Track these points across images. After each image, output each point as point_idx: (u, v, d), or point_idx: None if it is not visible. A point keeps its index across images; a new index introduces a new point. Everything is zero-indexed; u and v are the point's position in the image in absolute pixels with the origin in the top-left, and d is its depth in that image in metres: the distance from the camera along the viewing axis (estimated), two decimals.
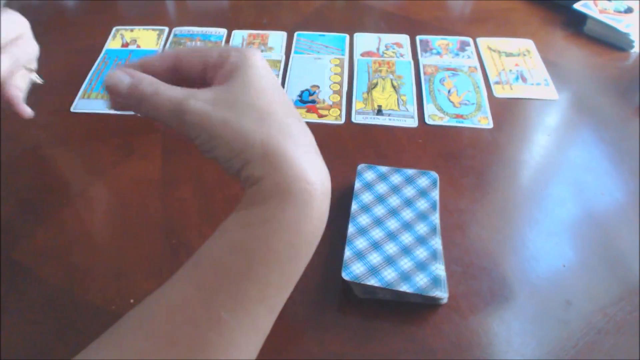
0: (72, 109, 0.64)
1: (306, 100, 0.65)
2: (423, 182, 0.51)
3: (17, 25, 0.46)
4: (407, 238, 0.46)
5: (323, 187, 0.29)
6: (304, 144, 0.29)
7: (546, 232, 0.50)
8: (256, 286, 0.26)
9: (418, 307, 0.44)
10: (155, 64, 0.31)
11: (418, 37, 0.75)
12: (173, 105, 0.28)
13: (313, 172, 0.28)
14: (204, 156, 0.30)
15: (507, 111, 0.64)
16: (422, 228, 0.47)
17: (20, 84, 0.49)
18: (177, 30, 0.77)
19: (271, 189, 0.27)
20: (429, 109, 0.64)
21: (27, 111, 0.50)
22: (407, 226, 0.47)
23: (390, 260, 0.44)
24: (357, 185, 0.51)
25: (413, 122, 0.62)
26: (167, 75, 0.31)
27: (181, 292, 0.27)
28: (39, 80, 0.53)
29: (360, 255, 0.45)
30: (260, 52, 0.31)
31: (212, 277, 0.26)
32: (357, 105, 0.65)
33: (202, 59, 0.31)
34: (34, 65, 0.52)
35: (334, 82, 0.68)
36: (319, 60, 0.72)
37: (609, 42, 0.74)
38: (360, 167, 0.53)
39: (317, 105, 0.64)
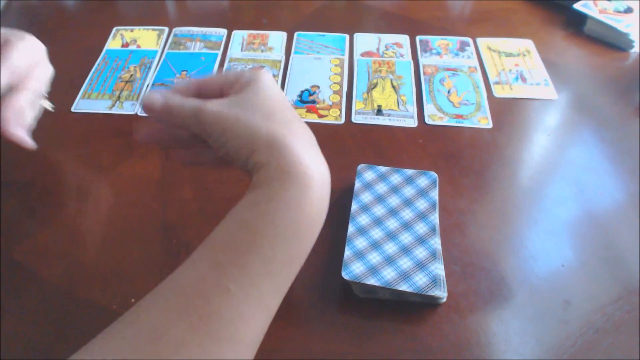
0: (72, 109, 0.65)
1: (306, 100, 0.65)
2: (422, 182, 0.51)
3: (35, 53, 0.46)
4: (406, 238, 0.46)
5: (322, 174, 0.32)
6: (304, 139, 0.33)
7: (545, 232, 0.51)
8: (262, 260, 0.28)
9: (417, 306, 0.44)
10: (183, 89, 0.37)
11: (418, 37, 0.76)
12: (193, 109, 0.34)
13: (312, 160, 0.32)
14: (216, 154, 0.34)
15: (506, 111, 0.64)
16: (421, 228, 0.47)
17: (29, 114, 0.47)
18: (177, 30, 0.77)
19: (274, 171, 0.30)
20: (428, 109, 0.64)
21: (29, 142, 0.46)
22: (406, 226, 0.48)
23: (389, 260, 0.45)
24: (357, 185, 0.51)
25: (413, 122, 0.62)
26: (193, 95, 0.36)
27: (194, 269, 0.29)
28: (49, 108, 0.52)
29: (360, 255, 0.45)
30: (270, 72, 0.36)
31: (221, 253, 0.29)
32: (357, 105, 0.65)
33: (220, 80, 0.36)
34: (46, 89, 0.50)
35: (334, 82, 0.68)
36: (319, 61, 0.72)
37: (609, 42, 0.74)
38: (360, 167, 0.53)
39: (317, 106, 0.65)
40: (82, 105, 0.65)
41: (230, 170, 0.56)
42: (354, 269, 0.44)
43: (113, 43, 0.75)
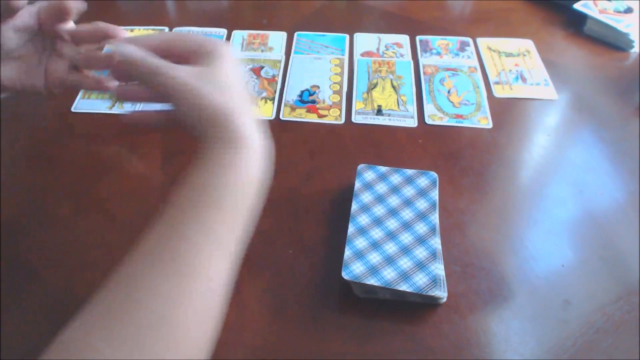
0: (72, 109, 0.65)
1: (306, 100, 0.65)
2: (422, 182, 0.51)
3: None
4: (406, 238, 0.46)
5: (259, 143, 0.37)
6: (248, 116, 0.37)
7: (545, 232, 0.51)
8: (214, 209, 0.33)
9: (417, 306, 0.44)
10: (149, 44, 0.39)
11: (418, 37, 0.76)
12: (153, 68, 0.37)
13: (251, 131, 0.37)
14: (171, 115, 0.38)
15: (506, 111, 0.64)
16: (421, 228, 0.47)
17: None
18: (177, 30, 0.77)
19: (219, 139, 0.35)
20: (428, 109, 0.64)
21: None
22: (406, 226, 0.47)
23: (389, 260, 0.45)
24: (357, 185, 0.51)
25: (413, 122, 0.62)
26: (156, 52, 0.39)
27: (155, 231, 0.33)
28: None
29: (360, 255, 0.45)
30: (231, 46, 0.38)
31: (178, 211, 0.34)
32: (357, 105, 0.65)
33: (188, 45, 0.39)
34: None
35: (334, 82, 0.68)
36: (319, 61, 0.72)
37: (609, 42, 0.74)
38: (360, 167, 0.53)
39: (317, 105, 0.65)
40: (82, 105, 0.65)
41: None
42: (354, 269, 0.44)
43: None
